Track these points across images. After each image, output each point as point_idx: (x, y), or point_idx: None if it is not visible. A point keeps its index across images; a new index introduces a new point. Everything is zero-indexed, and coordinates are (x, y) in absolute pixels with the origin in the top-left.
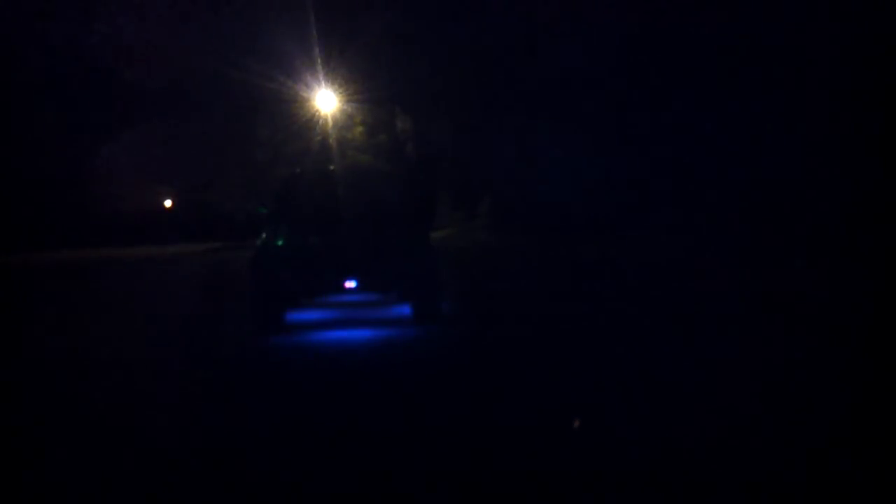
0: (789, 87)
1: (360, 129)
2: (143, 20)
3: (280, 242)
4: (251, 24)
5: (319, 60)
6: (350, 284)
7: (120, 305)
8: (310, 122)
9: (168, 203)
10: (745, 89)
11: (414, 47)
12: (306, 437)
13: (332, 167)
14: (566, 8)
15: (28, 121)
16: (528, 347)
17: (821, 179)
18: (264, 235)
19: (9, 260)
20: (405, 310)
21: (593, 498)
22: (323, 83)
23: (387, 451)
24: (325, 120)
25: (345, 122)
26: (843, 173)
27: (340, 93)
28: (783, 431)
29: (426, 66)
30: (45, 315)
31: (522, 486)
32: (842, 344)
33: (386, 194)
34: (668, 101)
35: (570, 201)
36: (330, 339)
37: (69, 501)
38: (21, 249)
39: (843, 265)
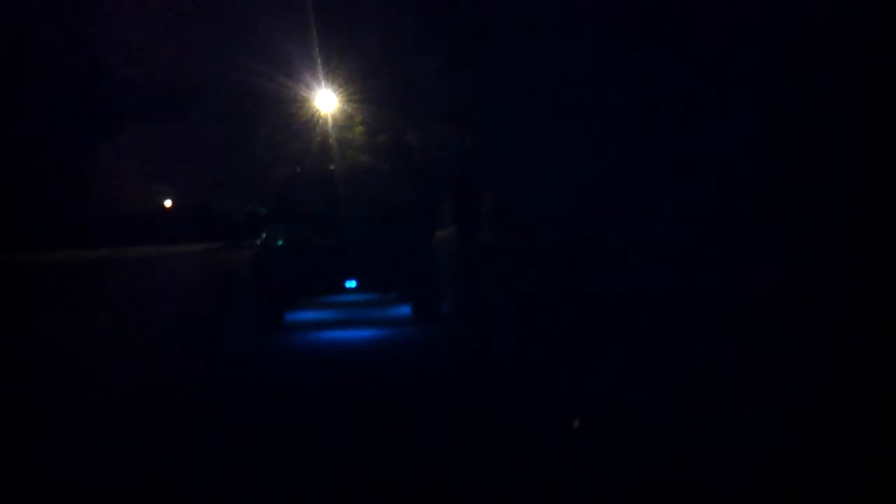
0: (791, 84)
1: (360, 129)
2: (143, 20)
3: (280, 242)
4: (251, 24)
5: (319, 60)
6: (350, 284)
7: (119, 305)
8: (310, 122)
9: (168, 203)
10: (747, 88)
11: (414, 46)
12: (305, 437)
13: (332, 167)
14: (567, 7)
15: (28, 120)
16: (528, 348)
17: (822, 176)
18: (264, 235)
19: (9, 259)
20: (405, 310)
21: (595, 500)
22: (323, 83)
23: (386, 451)
24: (325, 120)
25: (345, 122)
26: (845, 170)
27: (340, 93)
28: (788, 432)
29: (427, 65)
30: (45, 314)
31: (523, 488)
32: (846, 342)
33: (386, 194)
34: (670, 100)
35: (572, 201)
36: (330, 339)
37: (66, 501)
38: (21, 249)
39: (845, 262)
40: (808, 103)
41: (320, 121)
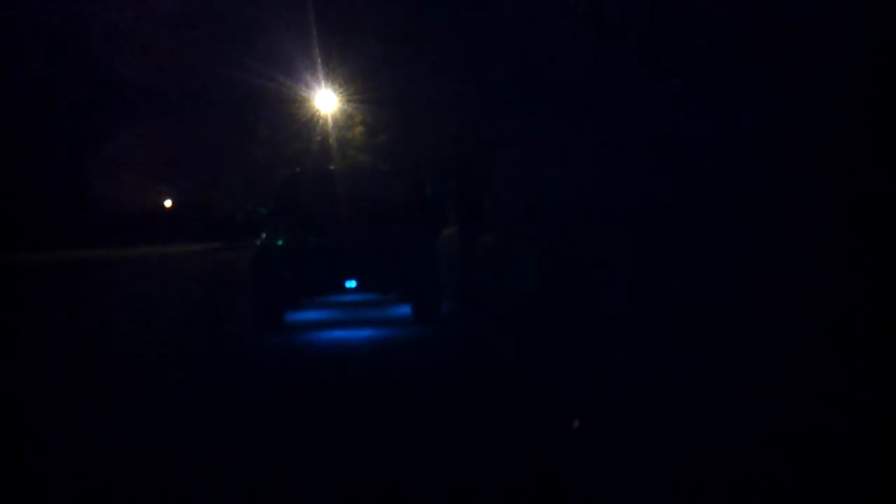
0: (791, 86)
1: (360, 129)
2: (143, 20)
3: (280, 242)
4: (251, 24)
5: (319, 60)
6: (350, 284)
7: (119, 305)
8: (310, 122)
9: (168, 203)
10: (746, 90)
11: (414, 46)
12: (305, 436)
13: (332, 167)
14: (568, 7)
15: (28, 120)
16: (528, 348)
17: (822, 178)
18: (264, 235)
19: (8, 259)
20: (405, 310)
21: (594, 500)
22: (323, 83)
23: (386, 451)
24: (325, 120)
25: (345, 122)
26: (844, 173)
27: (340, 93)
28: (787, 433)
29: (427, 64)
30: (45, 314)
31: (524, 487)
32: (847, 342)
33: (386, 194)
34: (670, 100)
35: (573, 201)
36: (330, 339)
37: (66, 500)
38: (21, 249)
39: (846, 262)
40: (809, 103)
41: (320, 121)
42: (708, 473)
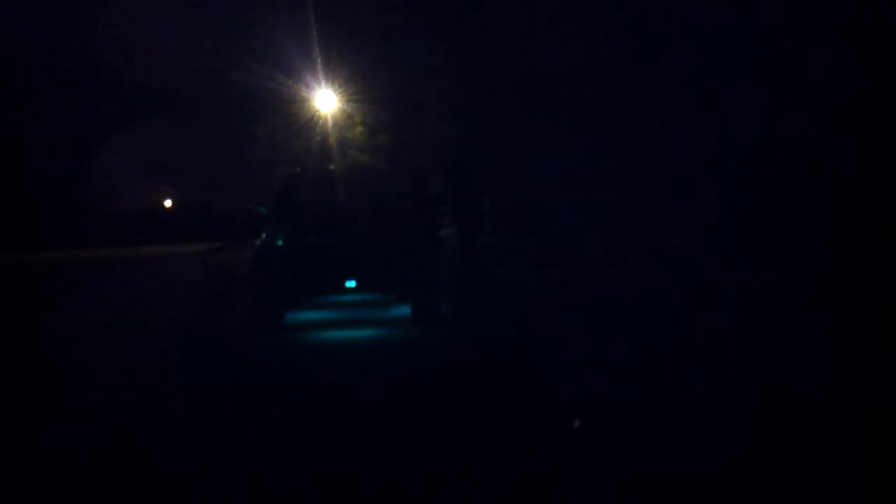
0: (788, 84)
1: (360, 129)
2: (143, 20)
3: (280, 242)
4: (251, 24)
5: (319, 60)
6: (350, 284)
7: (118, 305)
8: (310, 122)
9: (168, 203)
10: (744, 89)
11: (414, 46)
12: (305, 436)
13: (332, 167)
14: (567, 7)
15: (28, 120)
16: (527, 348)
17: (819, 176)
18: (264, 235)
19: (8, 259)
20: (405, 310)
21: (592, 499)
22: (323, 83)
23: (385, 451)
24: (325, 120)
25: (345, 122)
26: (842, 171)
27: (340, 93)
28: (784, 433)
29: (427, 65)
30: (45, 314)
31: (523, 487)
32: (846, 342)
33: (386, 194)
34: (668, 101)
35: (572, 201)
36: (329, 339)
37: (68, 500)
38: (21, 249)
39: (844, 263)
40: (809, 104)
41: (320, 121)
42: (705, 474)
